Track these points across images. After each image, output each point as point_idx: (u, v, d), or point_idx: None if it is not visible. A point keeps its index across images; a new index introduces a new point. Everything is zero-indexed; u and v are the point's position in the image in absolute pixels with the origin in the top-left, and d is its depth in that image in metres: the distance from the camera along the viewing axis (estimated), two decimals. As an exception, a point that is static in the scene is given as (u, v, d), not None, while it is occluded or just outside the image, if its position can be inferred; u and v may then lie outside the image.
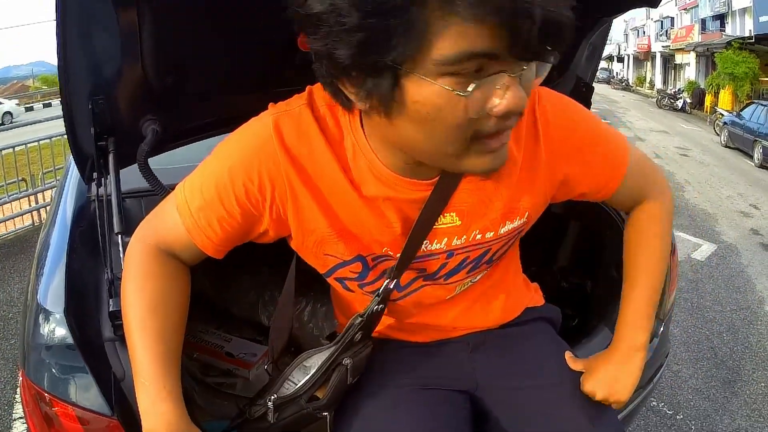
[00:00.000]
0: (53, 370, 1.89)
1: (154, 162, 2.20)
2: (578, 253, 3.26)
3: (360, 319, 1.73)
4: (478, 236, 1.67)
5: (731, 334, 6.37)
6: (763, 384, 5.41)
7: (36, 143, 10.01)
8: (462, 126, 1.18)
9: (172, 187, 2.40)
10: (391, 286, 1.70)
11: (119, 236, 1.95)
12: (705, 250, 9.35)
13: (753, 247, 9.87)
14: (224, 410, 2.61)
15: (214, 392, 2.82)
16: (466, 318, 1.96)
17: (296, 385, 1.74)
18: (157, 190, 2.18)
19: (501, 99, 1.15)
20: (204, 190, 1.53)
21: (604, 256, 2.97)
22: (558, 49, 1.12)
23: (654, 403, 4.87)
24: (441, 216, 1.59)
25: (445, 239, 1.64)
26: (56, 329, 1.94)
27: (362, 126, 1.45)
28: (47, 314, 1.99)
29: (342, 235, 1.59)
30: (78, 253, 2.22)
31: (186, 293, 1.65)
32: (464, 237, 1.66)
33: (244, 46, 2.13)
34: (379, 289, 1.71)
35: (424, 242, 1.62)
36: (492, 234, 1.68)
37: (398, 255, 1.62)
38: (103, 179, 2.03)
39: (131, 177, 2.21)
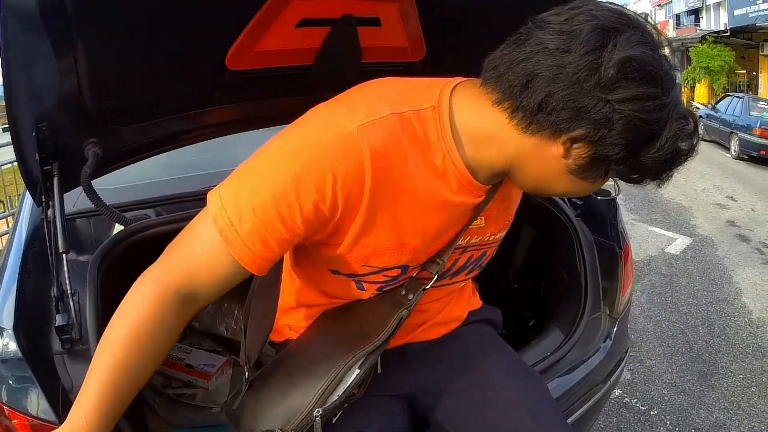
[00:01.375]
0: (9, 382, 1.97)
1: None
2: (531, 257, 3.33)
3: (406, 311, 1.72)
4: (488, 237, 1.80)
5: (707, 327, 6.35)
6: (741, 376, 5.38)
7: (10, 164, 9.90)
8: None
9: (117, 207, 2.44)
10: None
11: (64, 255, 1.98)
12: (679, 243, 9.35)
13: (729, 238, 9.88)
14: (185, 420, 2.76)
15: (175, 403, 2.90)
16: (424, 331, 1.99)
17: (340, 392, 1.65)
18: (102, 210, 2.23)
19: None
20: (258, 208, 1.37)
21: (555, 258, 3.01)
22: None
23: (627, 399, 4.86)
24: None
25: (468, 237, 1.73)
26: (9, 344, 2.00)
27: (452, 130, 1.48)
28: (0, 330, 2.04)
29: (401, 247, 1.58)
30: (31, 272, 2.28)
31: (168, 350, 1.53)
32: (480, 237, 1.77)
33: (176, 70, 2.18)
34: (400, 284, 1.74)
35: None
36: (493, 237, 1.83)
37: (443, 255, 1.69)
38: (51, 201, 2.04)
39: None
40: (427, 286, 1.72)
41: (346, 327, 1.77)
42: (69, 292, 1.97)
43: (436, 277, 1.71)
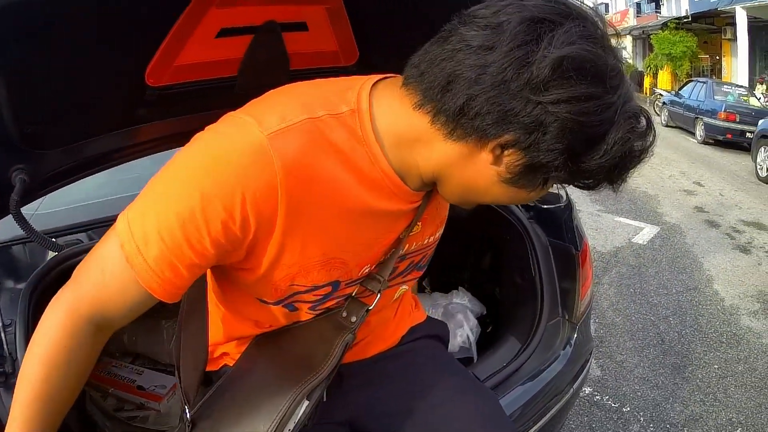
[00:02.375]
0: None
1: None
2: (484, 262, 3.32)
3: (351, 336, 1.62)
4: (426, 240, 1.71)
5: (678, 317, 6.29)
6: (716, 366, 5.35)
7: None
8: None
9: (48, 233, 2.38)
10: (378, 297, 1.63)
11: None
12: (647, 233, 9.30)
13: (698, 225, 9.90)
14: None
15: (126, 427, 2.87)
16: (363, 348, 1.89)
17: (291, 427, 1.54)
18: (32, 237, 2.18)
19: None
20: (164, 232, 1.25)
21: (508, 263, 2.95)
22: None
23: (598, 397, 4.77)
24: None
25: (407, 245, 1.63)
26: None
27: (375, 135, 1.36)
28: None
29: (329, 262, 1.46)
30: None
31: (89, 370, 1.44)
32: (419, 242, 1.68)
33: (97, 91, 2.10)
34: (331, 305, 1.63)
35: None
36: (432, 238, 1.74)
37: (380, 269, 1.60)
38: None
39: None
40: (370, 307, 1.62)
41: (287, 355, 1.67)
42: (2, 323, 1.93)
43: (379, 296, 1.61)
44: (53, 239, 2.41)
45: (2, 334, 1.93)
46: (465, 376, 2.00)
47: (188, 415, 1.60)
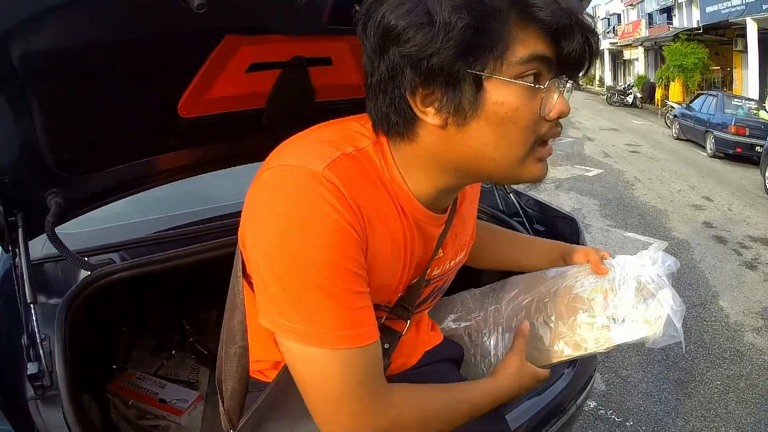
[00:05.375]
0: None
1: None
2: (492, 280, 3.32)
3: (386, 361, 1.63)
4: (448, 265, 1.73)
5: (683, 333, 6.22)
6: (718, 383, 5.40)
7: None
8: (530, 127, 1.31)
9: (80, 252, 2.47)
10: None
11: (31, 305, 1.98)
12: (655, 248, 9.17)
13: (705, 240, 9.90)
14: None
15: None
16: None
17: None
18: (66, 256, 2.29)
19: (557, 103, 1.32)
20: (322, 304, 1.25)
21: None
22: (586, 68, 1.34)
23: (602, 411, 4.85)
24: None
25: (430, 270, 1.64)
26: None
27: (395, 164, 1.43)
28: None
29: (382, 288, 1.48)
30: (3, 317, 2.28)
31: None
32: (441, 267, 1.70)
33: (131, 120, 2.19)
34: None
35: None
36: (453, 263, 1.76)
37: (409, 293, 1.61)
38: (17, 249, 2.07)
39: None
40: (402, 333, 1.67)
41: None
42: (39, 339, 1.96)
43: (408, 323, 1.66)
44: (86, 258, 2.50)
45: (40, 349, 1.94)
46: None
47: None
